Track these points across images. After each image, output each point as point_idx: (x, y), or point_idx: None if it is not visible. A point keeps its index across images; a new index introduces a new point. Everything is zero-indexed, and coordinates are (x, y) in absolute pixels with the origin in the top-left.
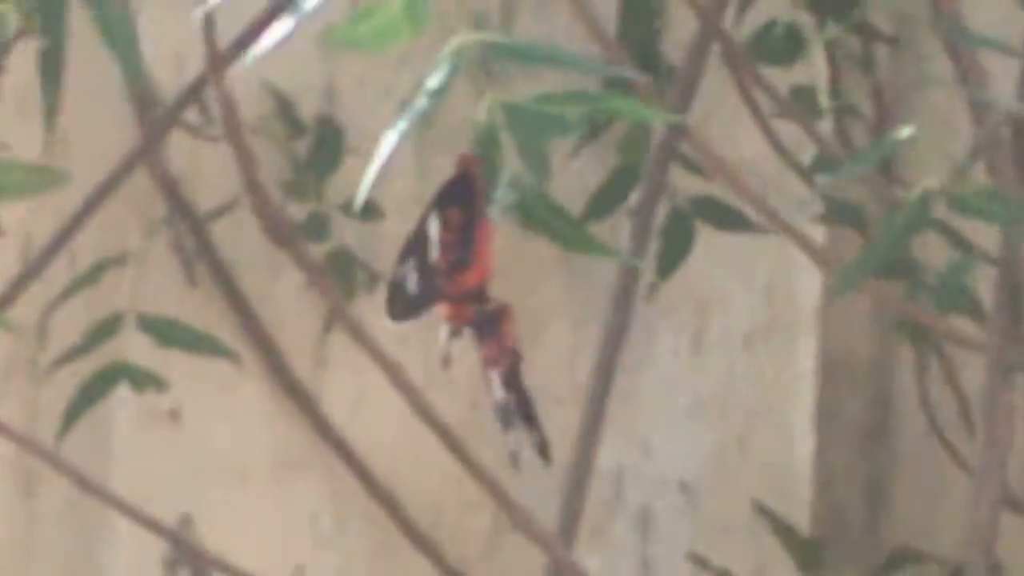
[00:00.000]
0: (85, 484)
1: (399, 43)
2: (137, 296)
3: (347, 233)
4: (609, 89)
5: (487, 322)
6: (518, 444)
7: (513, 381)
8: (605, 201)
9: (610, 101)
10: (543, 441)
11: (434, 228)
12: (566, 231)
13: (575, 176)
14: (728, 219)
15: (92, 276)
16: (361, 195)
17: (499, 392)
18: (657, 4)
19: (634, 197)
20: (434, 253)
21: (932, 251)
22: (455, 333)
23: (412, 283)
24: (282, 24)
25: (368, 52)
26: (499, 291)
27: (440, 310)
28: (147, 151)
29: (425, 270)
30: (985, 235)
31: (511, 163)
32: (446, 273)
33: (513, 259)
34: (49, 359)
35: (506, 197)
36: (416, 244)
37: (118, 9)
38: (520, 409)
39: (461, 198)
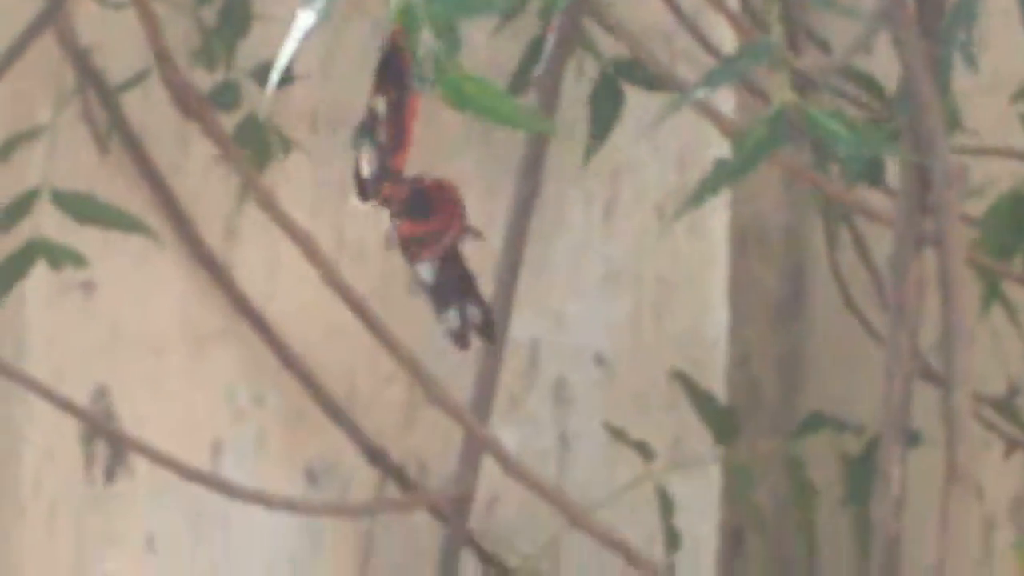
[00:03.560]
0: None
1: None
2: (49, 169)
3: (258, 100)
4: None
5: (419, 199)
6: (457, 322)
7: (453, 257)
8: (523, 78)
9: None
10: (488, 318)
11: (381, 107)
12: (494, 104)
13: (488, 56)
14: (654, 81)
15: (3, 152)
16: (277, 70)
17: (428, 274)
18: None
19: (538, 68)
20: (383, 132)
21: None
22: (395, 212)
23: (370, 163)
24: None
25: None
26: (408, 166)
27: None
28: (51, 16)
29: (379, 149)
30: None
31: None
32: (388, 151)
33: (419, 133)
34: None
35: (429, 73)
36: (367, 124)
37: None
38: (462, 285)
39: (393, 74)
